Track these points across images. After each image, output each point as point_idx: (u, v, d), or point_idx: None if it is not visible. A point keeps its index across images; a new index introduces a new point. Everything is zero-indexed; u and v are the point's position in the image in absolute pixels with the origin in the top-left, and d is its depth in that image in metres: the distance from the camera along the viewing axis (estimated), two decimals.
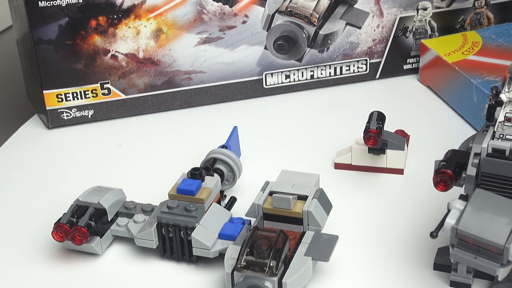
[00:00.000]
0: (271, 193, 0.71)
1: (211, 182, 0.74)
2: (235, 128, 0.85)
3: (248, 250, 0.65)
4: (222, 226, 0.71)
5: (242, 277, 0.65)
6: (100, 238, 0.73)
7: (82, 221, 0.71)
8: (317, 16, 0.96)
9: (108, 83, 0.94)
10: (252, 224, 0.72)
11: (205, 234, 0.70)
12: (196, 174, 0.73)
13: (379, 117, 0.82)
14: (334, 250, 0.68)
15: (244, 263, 0.65)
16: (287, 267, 0.66)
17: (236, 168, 0.78)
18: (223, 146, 0.81)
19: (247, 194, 0.79)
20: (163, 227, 0.71)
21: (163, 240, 0.71)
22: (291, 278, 0.65)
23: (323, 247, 0.68)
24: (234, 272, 0.65)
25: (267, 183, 0.72)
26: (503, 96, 0.65)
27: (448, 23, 1.03)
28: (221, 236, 0.70)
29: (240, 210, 0.76)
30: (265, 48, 0.97)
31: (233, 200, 0.77)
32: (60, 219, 0.72)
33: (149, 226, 0.71)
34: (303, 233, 0.69)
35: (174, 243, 0.71)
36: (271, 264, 0.64)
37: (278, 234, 0.66)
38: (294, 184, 0.71)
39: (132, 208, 0.74)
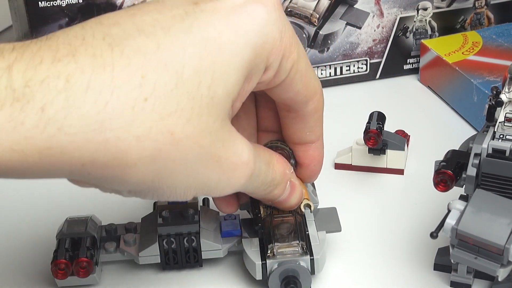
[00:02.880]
0: None
1: None
2: None
3: (272, 237, 0.66)
4: (219, 225, 0.71)
5: (276, 264, 0.66)
6: (97, 266, 0.69)
7: (82, 251, 0.68)
8: (317, 16, 0.96)
9: None
10: (237, 218, 0.72)
11: (211, 236, 0.70)
12: None
13: (379, 117, 0.82)
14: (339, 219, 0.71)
15: (274, 250, 0.66)
16: (310, 244, 0.67)
17: None
18: None
19: None
20: (164, 239, 0.69)
21: (165, 252, 0.70)
22: (320, 253, 0.67)
23: (329, 220, 0.71)
24: (267, 261, 0.66)
25: None
26: (503, 97, 0.65)
27: (448, 23, 1.03)
28: (224, 234, 0.70)
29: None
30: None
31: (207, 200, 0.76)
32: (55, 256, 0.67)
33: (150, 241, 0.69)
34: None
35: (177, 252, 0.70)
36: (301, 244, 0.66)
37: (294, 215, 0.68)
38: None
39: (113, 230, 0.71)
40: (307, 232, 0.68)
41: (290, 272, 0.66)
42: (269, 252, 0.66)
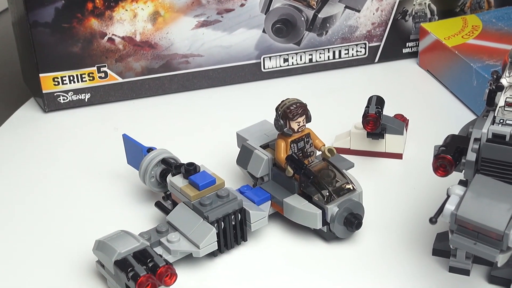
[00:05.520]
0: (264, 147, 0.76)
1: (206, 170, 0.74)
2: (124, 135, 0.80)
3: (323, 183, 0.70)
4: (246, 196, 0.73)
5: (335, 207, 0.69)
6: None
7: (158, 260, 0.64)
8: None
9: (105, 66, 0.94)
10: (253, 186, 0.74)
11: (252, 207, 0.71)
12: (191, 169, 0.72)
13: (378, 102, 0.81)
14: None
15: (332, 195, 0.70)
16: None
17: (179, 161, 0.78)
18: (149, 150, 0.77)
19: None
20: (215, 223, 0.69)
21: (217, 237, 0.69)
22: (360, 187, 0.72)
23: (339, 161, 0.76)
24: (328, 206, 0.69)
25: (249, 144, 0.76)
26: (504, 81, 0.64)
27: (448, 6, 1.02)
28: (259, 202, 0.72)
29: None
30: (263, 31, 0.96)
31: None
32: (135, 276, 0.62)
33: (204, 231, 0.68)
34: None
35: (227, 233, 0.70)
36: (348, 182, 0.71)
37: (325, 160, 0.73)
38: (264, 133, 0.78)
39: (148, 239, 0.69)
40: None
41: (352, 210, 0.70)
42: (326, 196, 0.69)
